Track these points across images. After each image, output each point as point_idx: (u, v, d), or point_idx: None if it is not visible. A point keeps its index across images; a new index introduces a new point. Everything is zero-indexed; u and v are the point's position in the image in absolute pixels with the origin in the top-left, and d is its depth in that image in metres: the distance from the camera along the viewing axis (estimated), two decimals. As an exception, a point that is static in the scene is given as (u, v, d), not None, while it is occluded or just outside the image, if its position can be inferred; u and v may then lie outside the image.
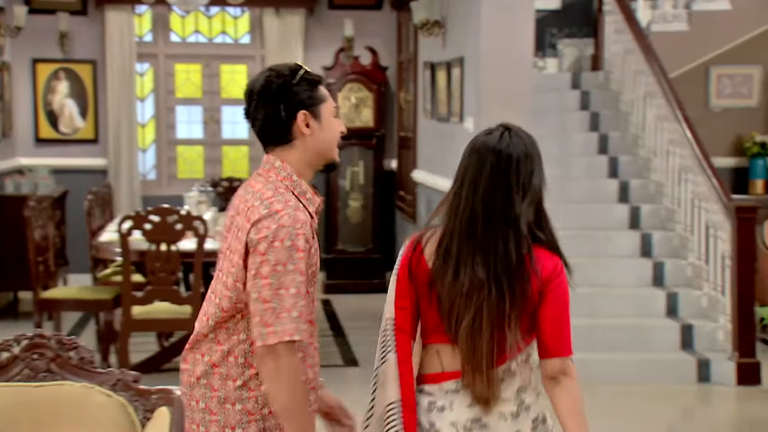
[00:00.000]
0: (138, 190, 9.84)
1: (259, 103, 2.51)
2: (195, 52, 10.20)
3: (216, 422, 2.40)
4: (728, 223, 6.58)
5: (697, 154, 7.10)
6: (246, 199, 2.48)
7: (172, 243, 5.70)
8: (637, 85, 8.33)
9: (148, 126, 10.21)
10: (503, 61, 6.43)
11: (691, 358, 6.59)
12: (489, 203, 2.48)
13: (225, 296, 2.42)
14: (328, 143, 2.59)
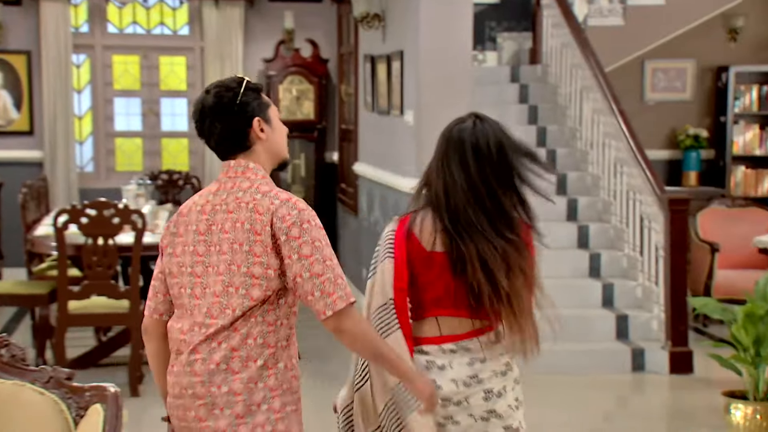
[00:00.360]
0: (75, 183, 9.70)
1: (213, 119, 2.68)
2: (133, 44, 10.08)
3: (242, 402, 2.59)
4: (662, 215, 6.68)
5: (631, 147, 7.18)
6: (240, 198, 2.65)
7: (110, 237, 5.62)
8: (574, 78, 8.40)
9: (85, 118, 10.06)
10: (442, 54, 6.44)
11: (625, 348, 6.68)
12: (476, 187, 2.82)
13: (254, 285, 2.59)
14: (280, 144, 2.76)
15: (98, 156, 10.06)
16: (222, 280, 2.61)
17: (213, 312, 2.61)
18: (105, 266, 5.64)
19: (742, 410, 4.94)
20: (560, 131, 8.47)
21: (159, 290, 2.75)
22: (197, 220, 2.69)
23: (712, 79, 10.51)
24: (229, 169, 2.70)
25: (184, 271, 2.67)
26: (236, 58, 9.90)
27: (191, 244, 2.67)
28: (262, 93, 2.77)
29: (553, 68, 8.89)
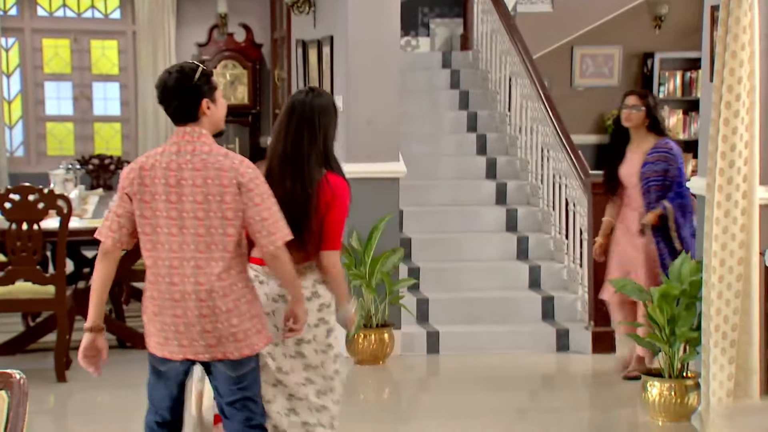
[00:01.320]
0: (5, 168, 9.54)
1: (173, 96, 3.42)
2: (63, 27, 9.91)
3: (233, 312, 3.44)
4: (585, 198, 6.75)
5: (557, 132, 7.25)
6: (205, 159, 3.38)
7: (34, 222, 5.52)
8: (503, 64, 8.44)
9: (14, 102, 9.87)
10: (371, 40, 6.42)
11: (551, 329, 6.75)
12: (297, 140, 3.62)
13: (229, 225, 3.39)
14: (220, 118, 3.53)
15: (29, 140, 9.90)
16: (204, 224, 3.37)
17: (200, 248, 3.37)
18: (30, 251, 5.55)
19: (657, 387, 5.03)
20: (491, 116, 8.51)
21: (125, 226, 3.42)
22: (164, 175, 3.36)
23: (638, 65, 10.64)
24: (185, 134, 3.41)
25: (159, 215, 3.38)
26: (169, 43, 9.78)
27: (162, 194, 3.37)
28: (212, 78, 3.49)
29: (484, 54, 8.92)
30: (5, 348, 6.32)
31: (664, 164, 5.59)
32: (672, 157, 5.62)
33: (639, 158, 5.67)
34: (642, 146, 5.69)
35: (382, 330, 6.33)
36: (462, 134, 8.36)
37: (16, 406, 2.23)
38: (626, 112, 5.69)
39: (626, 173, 5.73)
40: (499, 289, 7.06)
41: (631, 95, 5.76)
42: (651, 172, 5.61)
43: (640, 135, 5.72)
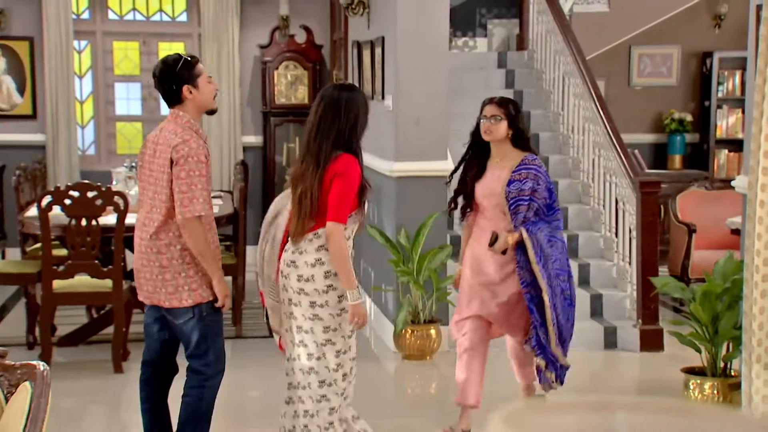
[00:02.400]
0: (77, 166, 9.71)
1: (158, 83, 4.07)
2: (133, 30, 10.06)
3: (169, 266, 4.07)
4: (634, 197, 6.64)
5: (607, 131, 7.14)
6: (166, 136, 3.98)
7: (93, 218, 5.62)
8: (557, 64, 8.35)
9: (86, 102, 10.06)
10: (419, 41, 6.40)
11: (599, 326, 6.66)
12: (319, 124, 3.89)
13: (165, 192, 3.95)
14: (204, 101, 4.05)
15: (99, 139, 10.07)
16: (152, 189, 4.03)
17: (147, 209, 4.06)
18: (89, 246, 5.65)
19: (699, 386, 4.92)
20: (544, 116, 8.43)
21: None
22: (149, 147, 4.09)
23: (697, 65, 10.43)
24: (170, 114, 4.05)
25: (143, 179, 4.10)
26: (232, 44, 9.87)
27: (146, 163, 4.08)
28: (197, 65, 4.03)
29: (539, 54, 8.83)
30: (68, 339, 6.45)
31: (532, 183, 4.67)
32: (540, 175, 4.69)
33: (503, 175, 4.70)
34: (506, 162, 4.73)
35: (429, 326, 6.31)
36: (515, 133, 8.27)
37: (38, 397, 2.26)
38: (485, 124, 4.72)
39: (487, 191, 4.74)
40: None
41: (489, 104, 4.76)
42: (517, 191, 4.66)
43: (503, 149, 4.75)
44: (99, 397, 5.60)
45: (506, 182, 4.64)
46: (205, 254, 3.98)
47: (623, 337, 6.59)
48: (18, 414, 2.24)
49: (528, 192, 4.62)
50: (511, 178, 4.65)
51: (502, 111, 4.68)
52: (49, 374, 2.37)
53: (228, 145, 9.87)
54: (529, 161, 4.68)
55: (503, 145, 4.71)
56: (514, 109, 4.70)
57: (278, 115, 9.88)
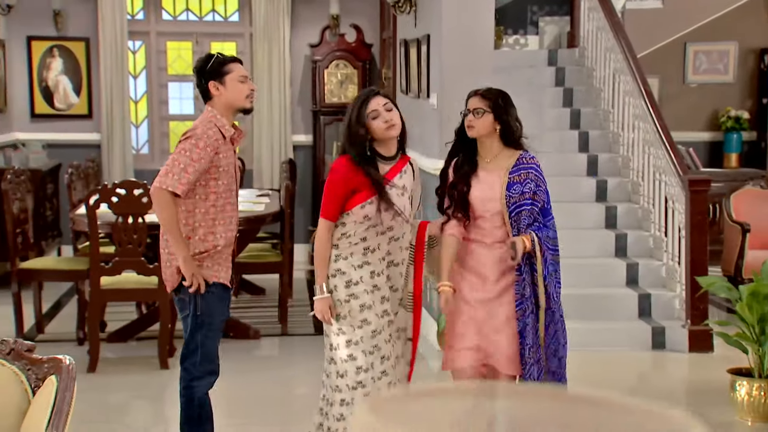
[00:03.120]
0: (131, 164, 9.85)
1: (195, 77, 4.25)
2: (186, 30, 10.17)
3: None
4: (683, 195, 6.54)
5: (657, 129, 7.04)
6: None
7: (139, 215, 5.69)
8: (608, 61, 8.25)
9: (140, 102, 10.20)
10: (464, 38, 6.37)
11: (647, 326, 6.57)
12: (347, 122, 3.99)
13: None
14: (231, 99, 4.16)
15: (153, 138, 10.21)
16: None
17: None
18: (135, 243, 5.72)
19: (746, 387, 4.83)
20: (594, 113, 8.34)
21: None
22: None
23: (755, 61, 10.23)
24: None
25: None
26: (283, 44, 9.93)
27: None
28: (230, 64, 4.17)
29: (590, 51, 8.74)
30: (117, 335, 6.55)
31: (532, 185, 4.06)
32: (539, 176, 4.10)
33: (500, 177, 4.07)
34: (499, 162, 4.11)
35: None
36: (564, 131, 8.22)
37: (63, 391, 2.30)
38: (468, 118, 4.12)
39: (482, 198, 4.08)
40: (595, 286, 6.91)
41: (473, 96, 4.20)
42: (519, 195, 4.04)
43: (492, 148, 4.12)
44: (144, 392, 5.68)
45: (506, 185, 4.03)
46: (170, 231, 4.07)
47: (672, 337, 6.49)
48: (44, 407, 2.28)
49: (529, 195, 4.03)
50: (510, 180, 4.04)
51: (486, 103, 4.11)
52: (74, 368, 2.40)
53: (278, 144, 9.93)
54: (527, 160, 4.09)
55: (491, 143, 4.08)
56: (502, 101, 4.13)
57: (328, 114, 9.91)
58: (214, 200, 4.11)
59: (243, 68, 4.24)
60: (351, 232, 3.93)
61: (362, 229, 3.92)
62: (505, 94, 4.19)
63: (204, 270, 4.12)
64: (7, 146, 9.19)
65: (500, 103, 4.13)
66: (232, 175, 4.17)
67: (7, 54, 9.43)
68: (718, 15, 10.16)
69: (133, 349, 6.51)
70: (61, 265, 6.48)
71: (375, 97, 3.92)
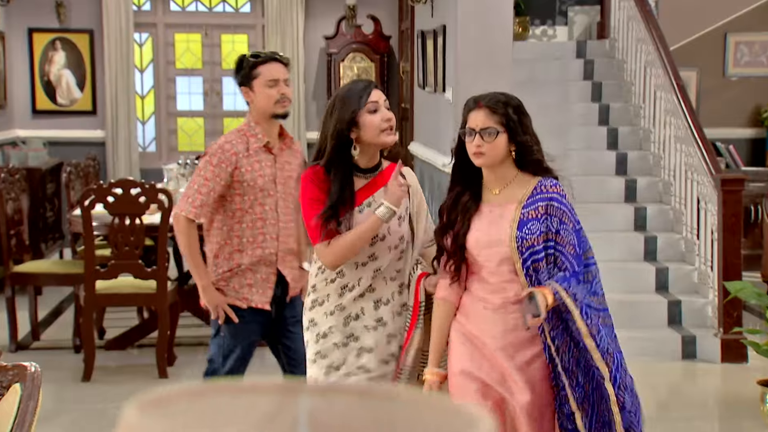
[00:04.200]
0: (137, 163, 9.92)
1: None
2: (195, 22, 10.22)
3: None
4: (716, 195, 6.48)
5: (689, 125, 6.98)
6: None
7: (136, 216, 5.72)
8: (639, 53, 8.20)
9: (147, 97, 10.27)
10: (481, 29, 6.35)
11: (677, 335, 6.51)
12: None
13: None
14: (261, 106, 4.08)
15: (160, 136, 10.27)
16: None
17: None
18: (132, 246, 5.75)
19: (776, 402, 4.77)
20: (624, 108, 8.29)
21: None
22: None
23: (800, 52, 10.12)
24: None
25: None
26: (297, 36, 9.96)
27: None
28: (259, 67, 4.05)
29: (620, 43, 8.69)
30: (116, 342, 6.59)
31: (555, 222, 3.15)
32: (565, 209, 3.18)
33: (510, 213, 3.18)
34: (511, 193, 3.21)
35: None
36: (592, 127, 8.18)
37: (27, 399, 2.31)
38: (474, 143, 3.16)
39: (485, 241, 3.20)
40: (622, 292, 6.84)
41: (476, 109, 3.20)
42: (535, 236, 3.13)
43: (504, 175, 3.22)
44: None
45: (516, 224, 3.14)
46: (187, 258, 4.10)
47: (703, 346, 6.43)
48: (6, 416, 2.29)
49: (550, 236, 3.14)
50: (524, 216, 3.14)
51: (496, 119, 3.15)
52: (40, 376, 2.42)
53: (291, 141, 9.96)
54: (548, 188, 3.17)
55: (504, 170, 3.20)
56: (515, 113, 3.17)
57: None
58: (240, 217, 4.07)
59: (276, 69, 4.06)
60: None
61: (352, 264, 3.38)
62: (516, 101, 3.23)
63: (231, 294, 4.09)
64: (6, 144, 9.28)
65: (513, 117, 3.17)
66: (264, 188, 4.05)
67: (7, 47, 9.51)
68: (761, 2, 10.07)
69: (133, 357, 6.54)
70: (57, 268, 6.53)
71: (376, 90, 3.35)
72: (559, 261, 3.16)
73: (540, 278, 3.13)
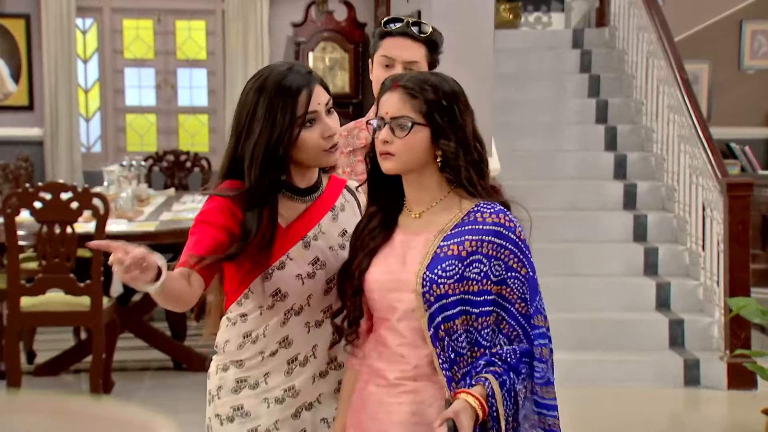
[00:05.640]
0: (79, 165, 9.86)
1: None
2: (146, 6, 10.19)
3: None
4: (721, 201, 6.49)
5: (693, 122, 6.99)
6: None
7: (67, 224, 5.68)
8: (640, 42, 8.21)
9: (92, 91, 10.22)
10: (458, 15, 6.35)
11: (678, 358, 6.51)
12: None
13: None
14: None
15: (106, 134, 10.22)
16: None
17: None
18: (63, 257, 5.71)
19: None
20: (625, 104, 8.31)
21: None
22: None
23: (824, 43, 10.16)
24: None
25: None
26: (261, 22, 9.93)
27: None
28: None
29: (621, 31, 8.72)
30: (47, 367, 6.54)
31: (486, 266, 2.48)
32: (514, 249, 2.50)
33: (422, 245, 2.54)
34: (434, 217, 2.57)
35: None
36: (588, 125, 8.19)
37: None
38: (380, 140, 2.55)
39: (385, 281, 2.56)
40: (618, 310, 6.86)
41: (391, 90, 2.55)
42: (449, 283, 2.47)
43: (427, 191, 2.58)
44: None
45: (429, 260, 2.50)
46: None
47: (708, 371, 6.43)
48: None
49: (479, 285, 2.48)
50: (440, 251, 2.50)
51: (416, 107, 2.51)
52: None
53: (253, 140, 9.94)
54: (486, 217, 2.51)
55: (427, 182, 2.57)
56: (447, 102, 2.52)
57: (314, 105, 9.91)
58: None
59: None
60: (260, 330, 2.66)
61: (276, 321, 2.66)
62: (451, 87, 2.57)
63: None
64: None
65: (442, 106, 2.50)
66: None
67: (-68, 34, 9.48)
68: (780, -13, 10.11)
69: (67, 383, 6.51)
70: (-21, 283, 6.48)
71: (317, 88, 2.63)
72: (505, 325, 2.50)
73: (458, 348, 2.47)
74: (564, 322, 6.72)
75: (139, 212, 6.85)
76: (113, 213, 6.48)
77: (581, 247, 7.23)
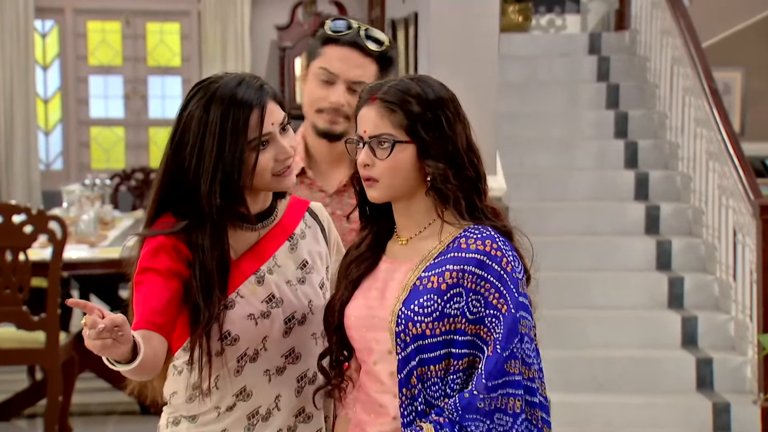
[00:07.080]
0: (37, 183, 9.89)
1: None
2: (113, 7, 10.24)
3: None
4: (754, 225, 6.48)
5: (722, 137, 6.98)
6: None
7: (20, 250, 5.67)
8: (665, 48, 8.22)
9: (52, 101, 10.26)
10: (459, 17, 6.35)
11: (707, 402, 6.49)
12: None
13: None
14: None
15: (68, 150, 10.25)
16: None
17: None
18: (14, 288, 5.70)
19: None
20: (647, 117, 8.32)
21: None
22: None
23: None
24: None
25: None
26: (242, 25, 9.99)
27: None
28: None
29: (643, 36, 8.73)
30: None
31: (471, 297, 2.35)
32: (495, 278, 2.36)
33: (401, 277, 2.46)
34: (420, 244, 2.49)
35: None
36: (606, 140, 8.19)
37: None
38: (361, 163, 2.47)
39: (364, 317, 2.48)
40: (639, 347, 6.84)
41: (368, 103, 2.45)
42: (427, 321, 2.37)
43: (420, 215, 2.49)
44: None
45: (406, 294, 2.42)
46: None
47: (739, 416, 6.40)
48: None
49: (461, 325, 2.36)
50: (419, 284, 2.41)
51: (396, 122, 2.42)
52: None
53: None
54: (471, 243, 2.40)
55: (418, 205, 2.49)
56: (431, 113, 2.43)
57: (300, 117, 9.91)
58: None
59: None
60: (210, 381, 2.56)
61: (229, 370, 2.56)
62: (436, 93, 2.45)
63: None
64: None
65: (427, 118, 2.42)
66: None
67: None
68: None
69: (19, 430, 6.50)
70: None
71: (270, 102, 2.54)
72: (470, 366, 2.37)
73: (429, 398, 2.37)
74: (578, 361, 6.71)
75: (103, 237, 6.85)
76: (73, 238, 6.48)
77: (597, 276, 7.20)
